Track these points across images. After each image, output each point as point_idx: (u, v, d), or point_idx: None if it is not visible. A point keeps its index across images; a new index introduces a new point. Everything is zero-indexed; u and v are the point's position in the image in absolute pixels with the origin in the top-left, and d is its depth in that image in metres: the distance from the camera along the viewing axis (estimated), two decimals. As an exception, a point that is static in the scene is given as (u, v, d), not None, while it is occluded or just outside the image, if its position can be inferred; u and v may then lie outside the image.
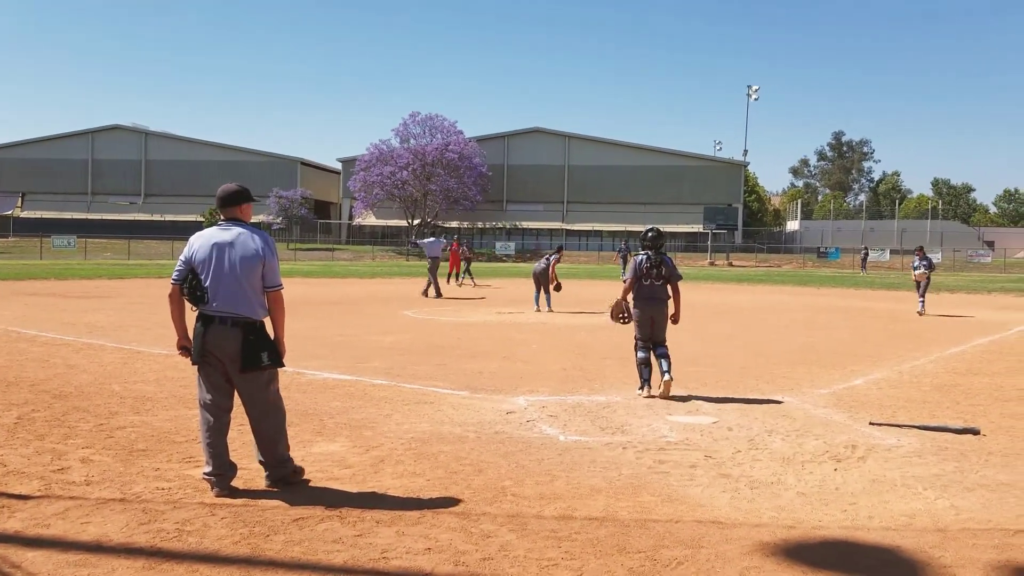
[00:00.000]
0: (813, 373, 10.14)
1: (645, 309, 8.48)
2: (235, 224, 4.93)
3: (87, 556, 3.84)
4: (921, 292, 20.09)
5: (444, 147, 71.20)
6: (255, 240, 4.86)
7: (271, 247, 4.92)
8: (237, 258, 4.80)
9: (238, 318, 4.80)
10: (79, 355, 10.35)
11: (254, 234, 4.89)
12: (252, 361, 4.83)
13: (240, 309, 4.81)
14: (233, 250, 4.81)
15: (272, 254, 4.91)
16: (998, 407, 8.09)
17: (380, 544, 4.07)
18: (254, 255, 4.82)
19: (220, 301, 4.80)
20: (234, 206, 4.97)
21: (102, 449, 5.79)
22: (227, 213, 4.98)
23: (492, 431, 6.63)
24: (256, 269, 4.83)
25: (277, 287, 4.93)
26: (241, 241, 4.84)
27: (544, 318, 17.24)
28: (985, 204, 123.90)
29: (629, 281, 8.56)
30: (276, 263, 4.92)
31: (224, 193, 5.01)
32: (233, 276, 4.79)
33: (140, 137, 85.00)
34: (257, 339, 4.85)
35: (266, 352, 4.86)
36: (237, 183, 5.10)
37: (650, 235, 8.60)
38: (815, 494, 5.12)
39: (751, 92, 77.41)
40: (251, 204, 5.09)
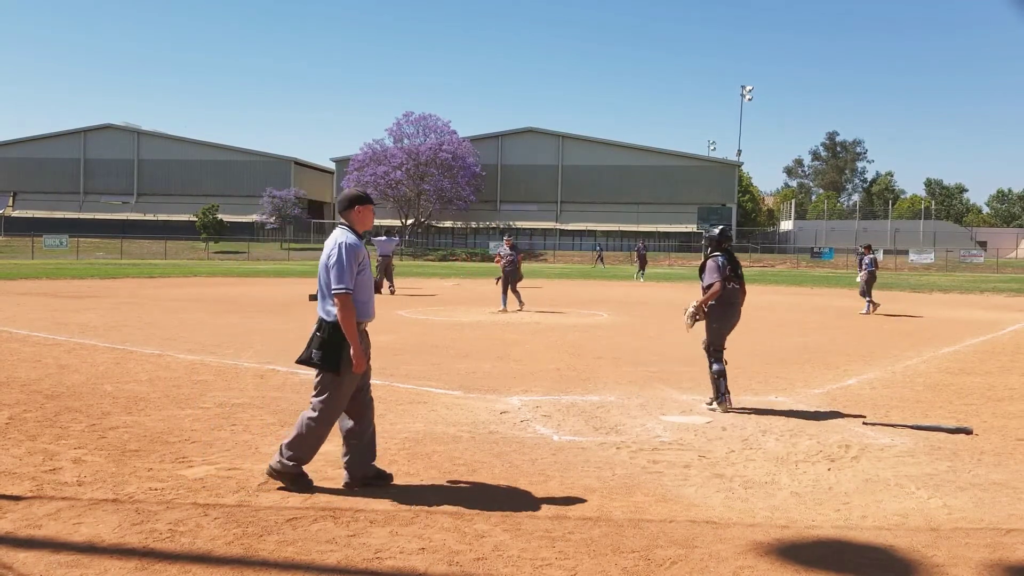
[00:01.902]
0: (807, 373, 10.16)
1: (730, 315, 7.85)
2: (338, 227, 5.04)
3: (79, 557, 3.82)
4: (865, 292, 20.22)
5: (438, 147, 71.18)
6: (331, 243, 4.92)
7: (341, 251, 4.83)
8: (321, 260, 4.96)
9: (319, 318, 4.93)
10: (71, 355, 10.31)
11: (336, 238, 4.93)
12: (304, 355, 4.92)
13: (319, 308, 4.96)
14: (323, 252, 4.97)
15: (337, 259, 4.83)
16: (990, 407, 8.12)
17: (374, 544, 4.07)
18: (325, 258, 4.91)
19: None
20: (341, 211, 5.08)
21: (94, 449, 5.77)
22: (342, 217, 5.09)
23: (486, 431, 6.62)
24: (325, 272, 4.90)
25: (337, 291, 4.80)
26: (328, 244, 4.95)
27: (538, 318, 17.23)
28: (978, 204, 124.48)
29: (718, 284, 7.77)
30: (341, 268, 4.80)
31: (340, 198, 5.15)
32: (319, 276, 4.96)
33: (132, 136, 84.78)
34: (321, 338, 4.86)
35: (320, 352, 4.85)
36: (358, 188, 5.16)
37: (729, 233, 8.06)
38: (809, 494, 5.13)
39: (745, 92, 77.76)
40: (359, 209, 5.06)
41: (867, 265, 20.24)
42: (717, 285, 7.78)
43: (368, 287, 5.01)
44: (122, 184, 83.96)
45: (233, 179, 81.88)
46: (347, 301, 4.79)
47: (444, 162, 71.01)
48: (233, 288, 26.13)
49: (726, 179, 77.26)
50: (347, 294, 4.79)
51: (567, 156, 78.70)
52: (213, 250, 66.24)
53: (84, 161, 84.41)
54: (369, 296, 5.01)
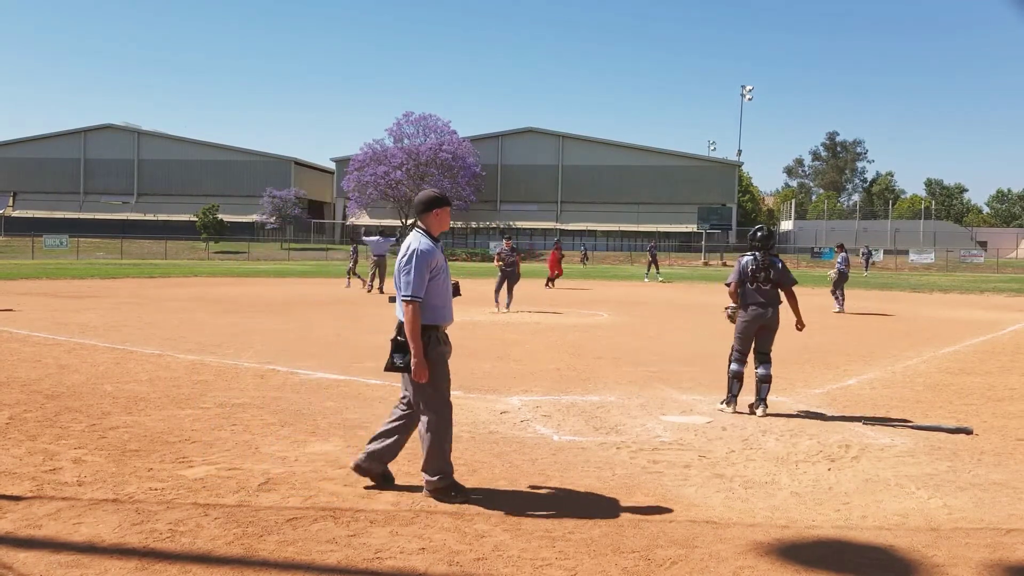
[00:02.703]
0: (807, 373, 10.16)
1: (753, 316, 7.75)
2: (414, 230, 5.00)
3: (79, 557, 3.82)
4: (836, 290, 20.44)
5: (438, 147, 71.18)
6: (404, 248, 4.88)
7: (414, 258, 4.78)
8: (396, 264, 4.92)
9: (400, 320, 4.87)
10: (71, 355, 10.31)
11: (410, 243, 4.88)
12: (389, 363, 4.88)
13: (397, 311, 4.92)
14: (398, 256, 4.92)
15: (408, 264, 4.79)
16: (990, 407, 8.12)
17: (374, 544, 4.07)
18: (398, 262, 4.88)
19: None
20: (418, 213, 5.02)
21: (94, 449, 5.77)
22: (419, 219, 5.04)
23: (486, 431, 6.62)
24: (399, 276, 4.85)
25: (404, 297, 4.76)
26: (403, 248, 4.91)
27: (538, 318, 17.23)
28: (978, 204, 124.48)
29: (732, 285, 7.83)
30: (410, 275, 4.76)
31: (417, 200, 5.07)
32: (395, 280, 4.92)
33: (132, 136, 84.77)
34: (403, 341, 4.82)
35: (404, 356, 4.81)
36: (435, 191, 5.07)
37: (759, 234, 7.92)
38: (809, 494, 5.13)
39: (745, 92, 77.62)
40: (437, 212, 4.98)
41: (839, 264, 20.54)
42: (731, 287, 7.84)
43: (445, 291, 4.92)
44: (122, 184, 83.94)
45: (233, 179, 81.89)
46: (415, 308, 4.73)
47: (444, 162, 71.00)
48: (233, 288, 26.13)
49: (726, 179, 77.25)
50: (415, 300, 4.73)
51: (567, 156, 78.70)
52: (213, 250, 66.23)
53: (84, 161, 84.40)
54: (446, 300, 4.93)
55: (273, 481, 5.09)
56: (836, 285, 20.51)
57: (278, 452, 5.81)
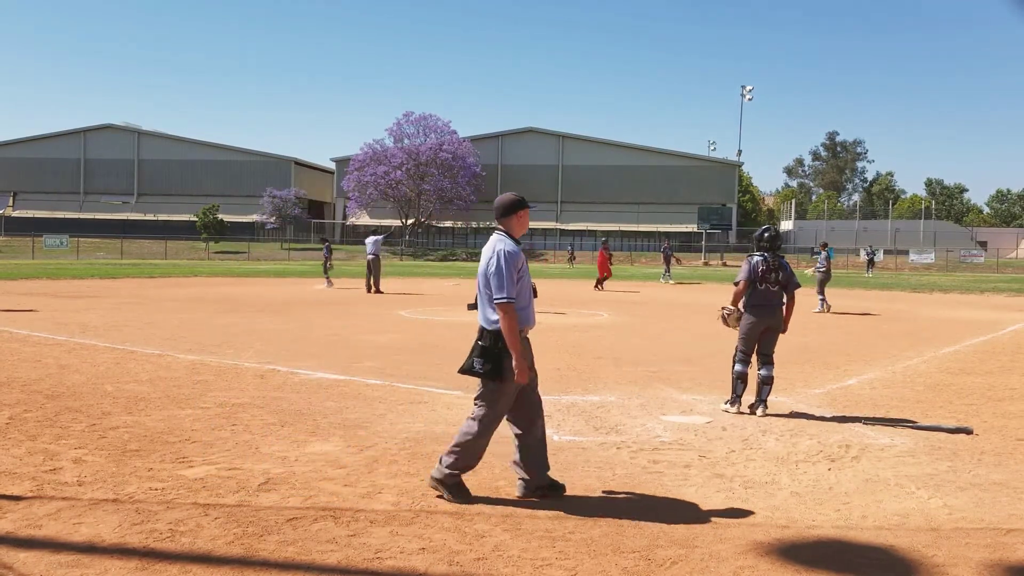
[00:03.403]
0: (807, 373, 10.16)
1: (759, 318, 7.65)
2: (495, 233, 4.97)
3: (80, 557, 3.82)
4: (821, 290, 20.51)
5: (438, 147, 71.22)
6: (489, 251, 4.85)
7: (501, 260, 4.75)
8: (480, 268, 4.92)
9: (480, 327, 4.89)
10: (71, 355, 10.31)
11: (495, 246, 4.85)
12: (467, 365, 4.88)
13: (479, 315, 4.91)
14: (482, 260, 4.91)
15: (497, 267, 4.75)
16: (991, 406, 8.12)
17: (374, 544, 4.07)
18: (484, 266, 4.84)
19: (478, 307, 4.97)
20: (500, 216, 4.99)
21: (95, 449, 5.77)
22: (501, 222, 5.00)
23: (486, 431, 6.61)
24: (485, 279, 4.83)
25: (499, 300, 4.72)
26: (485, 252, 4.89)
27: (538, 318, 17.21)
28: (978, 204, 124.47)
29: (742, 284, 7.67)
30: (501, 277, 4.72)
31: (497, 203, 5.02)
32: (478, 284, 4.92)
33: (133, 136, 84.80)
34: (483, 346, 4.81)
35: (483, 361, 4.79)
36: (515, 194, 5.05)
37: (767, 235, 7.81)
38: (809, 494, 5.13)
39: (745, 92, 77.60)
40: (520, 214, 4.96)
41: (819, 265, 20.61)
42: (740, 286, 7.68)
43: (528, 293, 4.91)
44: (122, 184, 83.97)
45: (233, 179, 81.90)
46: (510, 310, 4.70)
47: (444, 162, 71.03)
48: (233, 288, 26.13)
49: (726, 179, 77.27)
50: (509, 303, 4.70)
51: (567, 156, 78.72)
52: (213, 250, 66.24)
53: (84, 161, 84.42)
54: (529, 302, 4.92)
55: (273, 481, 5.09)
56: (821, 285, 20.59)
57: (278, 452, 5.81)
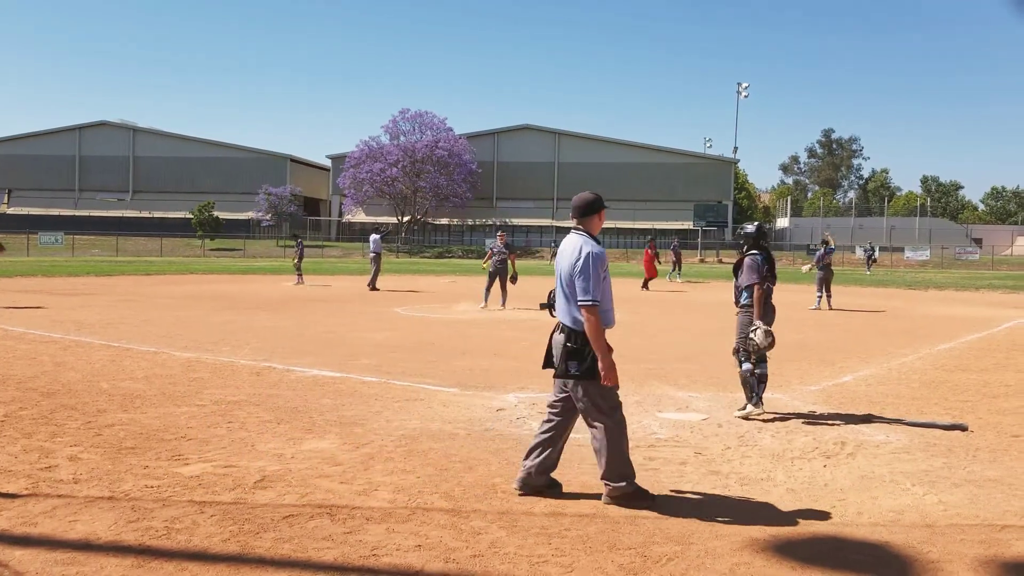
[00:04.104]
0: (802, 370, 10.17)
1: (767, 316, 7.38)
2: (575, 233, 4.94)
3: (75, 554, 3.82)
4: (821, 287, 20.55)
5: (434, 144, 71.14)
6: (575, 253, 4.80)
7: (589, 261, 4.71)
8: (561, 268, 4.86)
9: (564, 326, 4.83)
10: (67, 353, 10.29)
11: (580, 246, 4.81)
12: (561, 369, 4.80)
13: (563, 317, 4.85)
14: (562, 259, 4.88)
15: (584, 268, 4.70)
16: (986, 403, 8.14)
17: (370, 541, 4.07)
18: (570, 266, 4.79)
19: (557, 307, 4.93)
20: (582, 216, 4.97)
21: (90, 447, 5.76)
22: (580, 222, 4.98)
23: (482, 428, 6.63)
24: (570, 281, 4.79)
25: (583, 302, 4.67)
26: (568, 252, 4.85)
27: (535, 315, 17.22)
28: (973, 202, 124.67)
29: (760, 289, 7.35)
30: (588, 278, 4.68)
31: (579, 202, 5.01)
32: (559, 285, 4.88)
33: (128, 133, 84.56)
34: (574, 347, 4.76)
35: (576, 363, 4.74)
36: (593, 192, 5.05)
37: (754, 231, 7.60)
38: (804, 490, 5.14)
39: (741, 89, 77.68)
40: (600, 214, 4.99)
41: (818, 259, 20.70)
42: (759, 291, 7.36)
43: (610, 294, 4.90)
44: (118, 181, 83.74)
45: (229, 176, 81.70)
46: (595, 312, 4.66)
47: (440, 159, 70.94)
48: (229, 285, 26.10)
49: (722, 176, 77.29)
50: (594, 305, 4.66)
51: (563, 153, 78.68)
52: (209, 247, 66.14)
53: (79, 158, 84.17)
54: (611, 303, 4.89)
55: (269, 478, 5.09)
56: (822, 282, 20.64)
57: (274, 449, 5.81)
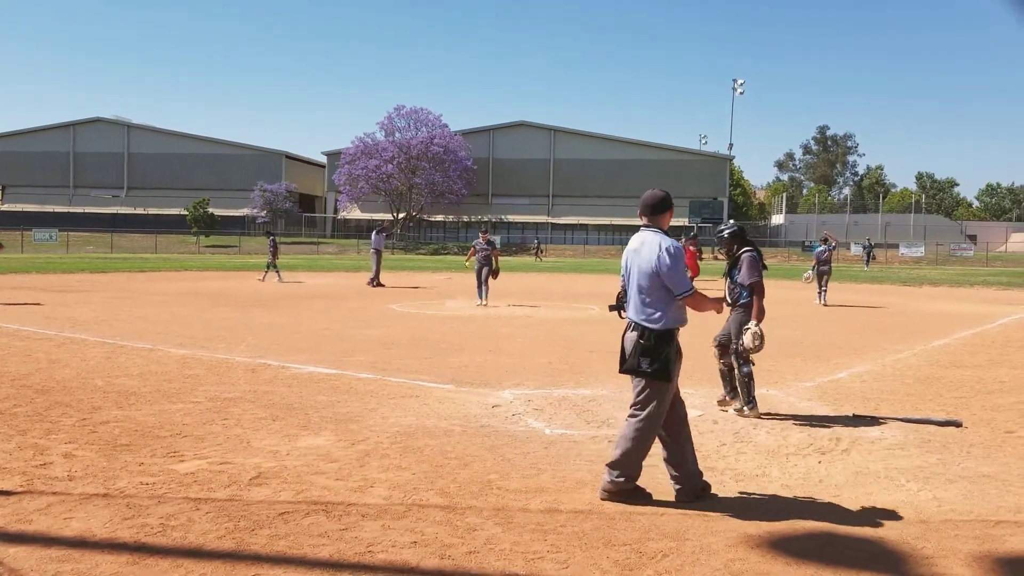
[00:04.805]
0: (797, 366, 10.19)
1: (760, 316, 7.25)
2: (648, 231, 4.91)
3: (70, 551, 3.81)
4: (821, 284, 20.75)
5: (429, 140, 71.09)
6: (655, 250, 4.78)
7: (675, 256, 4.75)
8: (638, 266, 4.84)
9: (638, 325, 4.82)
10: (61, 349, 10.27)
11: (659, 243, 4.79)
12: (632, 364, 4.78)
13: (636, 315, 4.83)
14: (638, 257, 4.84)
15: (673, 264, 4.74)
16: (980, 399, 8.16)
17: (366, 538, 4.07)
18: (651, 265, 4.76)
19: (631, 306, 4.90)
20: (656, 214, 4.93)
21: (85, 444, 5.75)
22: (650, 220, 4.94)
23: (478, 425, 6.63)
24: (651, 277, 4.77)
25: (683, 295, 4.76)
26: (645, 250, 4.82)
27: (530, 312, 17.23)
28: (968, 198, 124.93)
29: (762, 287, 7.26)
30: (677, 273, 4.74)
31: (651, 200, 4.96)
32: (634, 283, 4.86)
33: (123, 130, 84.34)
34: (647, 345, 4.75)
35: (649, 361, 4.74)
36: (663, 190, 5.02)
37: (736, 230, 7.56)
38: (799, 486, 5.15)
39: (736, 86, 77.71)
40: (671, 211, 4.98)
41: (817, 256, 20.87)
42: (762, 286, 7.26)
43: None
44: (112, 178, 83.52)
45: (224, 173, 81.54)
46: (694, 295, 4.80)
47: (435, 156, 70.90)
48: (224, 282, 26.06)
49: (718, 173, 77.36)
50: (691, 292, 4.79)
51: (559, 150, 78.66)
52: (204, 244, 66.01)
53: (74, 155, 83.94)
54: None
55: (264, 475, 5.09)
56: (820, 279, 20.84)
57: (269, 446, 5.80)
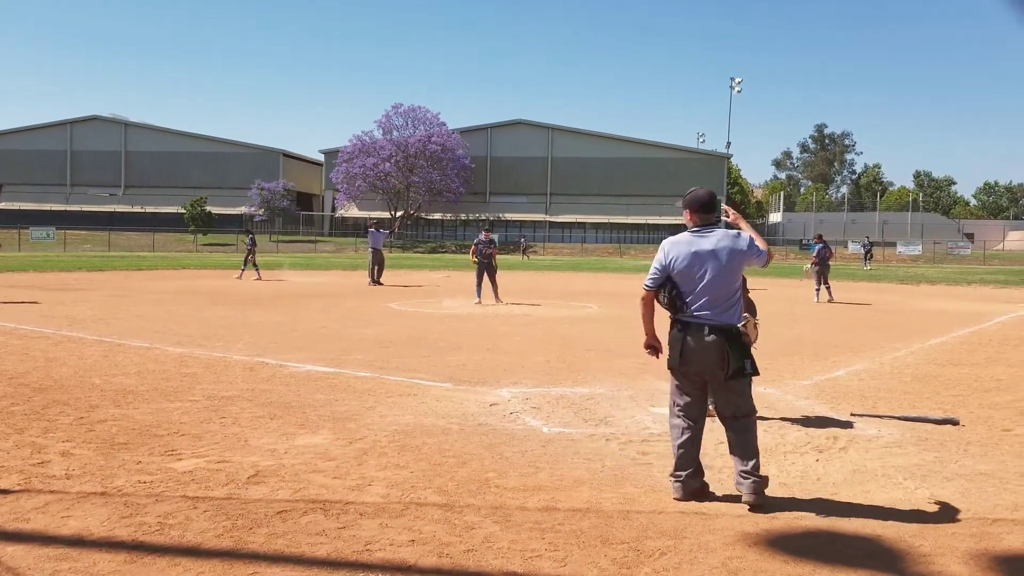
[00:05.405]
0: (795, 365, 10.20)
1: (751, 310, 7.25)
2: (713, 228, 4.86)
3: (68, 550, 3.81)
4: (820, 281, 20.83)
5: (427, 139, 71.06)
6: (733, 238, 4.79)
7: (741, 236, 4.83)
8: (722, 262, 4.74)
9: (718, 325, 4.73)
10: (58, 348, 10.26)
11: (734, 234, 4.82)
12: (738, 366, 4.73)
13: (721, 316, 4.75)
14: (716, 256, 4.74)
15: (750, 241, 4.82)
16: (977, 397, 8.17)
17: (363, 536, 4.07)
18: (737, 253, 4.76)
19: (701, 308, 4.74)
20: (708, 212, 4.89)
21: (83, 443, 5.74)
22: (706, 219, 4.89)
23: (475, 423, 6.63)
24: (740, 266, 4.78)
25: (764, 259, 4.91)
26: (721, 244, 4.77)
27: (528, 310, 17.23)
28: (966, 197, 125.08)
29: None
30: (754, 242, 4.85)
31: (705, 198, 4.92)
32: (714, 282, 4.73)
33: (120, 128, 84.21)
34: (739, 346, 4.74)
35: (748, 360, 4.76)
36: (706, 189, 5.01)
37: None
38: (797, 484, 5.16)
39: (734, 84, 77.67)
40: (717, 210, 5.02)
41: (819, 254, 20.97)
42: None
43: None
44: (109, 176, 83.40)
45: (221, 171, 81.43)
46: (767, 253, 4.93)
47: (433, 154, 70.87)
48: (222, 281, 26.04)
49: (715, 171, 77.31)
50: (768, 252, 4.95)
51: (557, 148, 78.62)
52: (201, 242, 65.95)
53: (71, 153, 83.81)
54: None
55: (262, 473, 5.09)
56: (818, 276, 20.92)
57: (267, 445, 5.80)
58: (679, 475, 4.84)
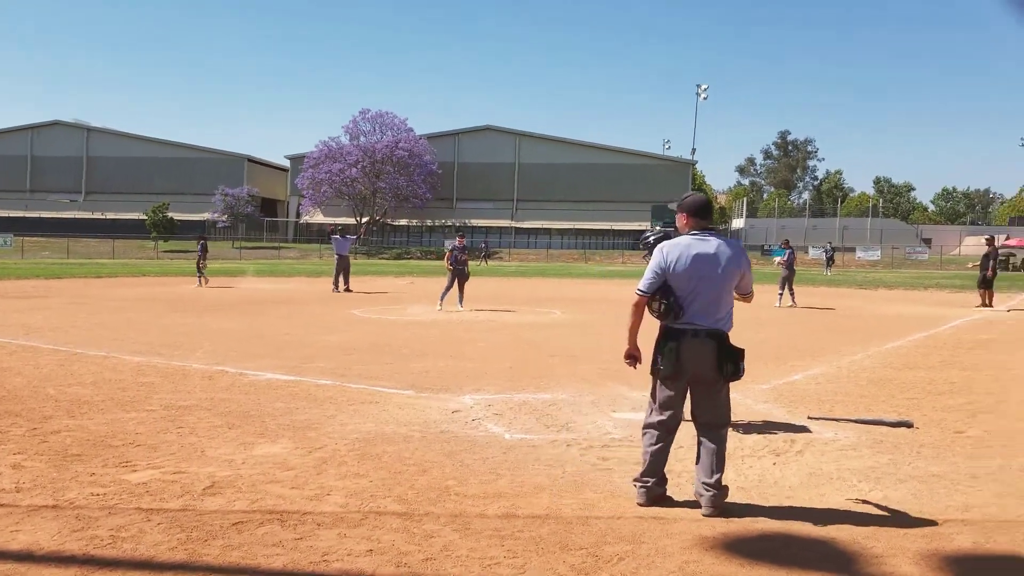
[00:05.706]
0: (753, 368, 10.27)
1: None
2: (712, 234, 4.79)
3: (16, 566, 3.73)
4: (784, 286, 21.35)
5: (394, 144, 70.84)
6: (734, 250, 4.74)
7: (747, 257, 4.82)
8: (719, 270, 4.69)
9: (712, 331, 4.71)
10: (13, 357, 10.05)
11: (732, 244, 4.78)
12: (731, 371, 4.74)
13: (716, 322, 4.72)
14: (715, 261, 4.69)
15: (749, 265, 4.82)
16: (931, 400, 8.33)
17: (321, 547, 4.04)
18: (735, 266, 4.72)
19: (696, 313, 4.70)
20: (705, 217, 4.84)
21: (34, 455, 5.63)
22: (702, 224, 4.83)
23: (437, 430, 6.61)
24: (735, 280, 4.76)
25: (749, 294, 4.95)
26: (722, 252, 4.71)
27: (492, 316, 17.23)
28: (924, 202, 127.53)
29: None
30: (750, 273, 4.86)
31: (703, 202, 4.87)
32: (711, 287, 4.69)
33: (82, 133, 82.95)
34: (732, 351, 4.74)
35: (742, 363, 4.77)
36: (701, 193, 4.93)
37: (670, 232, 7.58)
38: (754, 488, 5.21)
39: (700, 91, 78.52)
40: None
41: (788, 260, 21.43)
42: None
43: None
44: (70, 182, 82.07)
45: (185, 177, 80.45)
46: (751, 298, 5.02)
47: (400, 160, 70.65)
48: (183, 288, 25.70)
49: (680, 177, 77.93)
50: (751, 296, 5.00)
51: (524, 154, 78.81)
52: (162, 249, 65.08)
53: (31, 158, 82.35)
54: None
55: (219, 484, 5.03)
56: (785, 281, 21.26)
57: (225, 455, 5.73)
58: (646, 481, 4.85)
